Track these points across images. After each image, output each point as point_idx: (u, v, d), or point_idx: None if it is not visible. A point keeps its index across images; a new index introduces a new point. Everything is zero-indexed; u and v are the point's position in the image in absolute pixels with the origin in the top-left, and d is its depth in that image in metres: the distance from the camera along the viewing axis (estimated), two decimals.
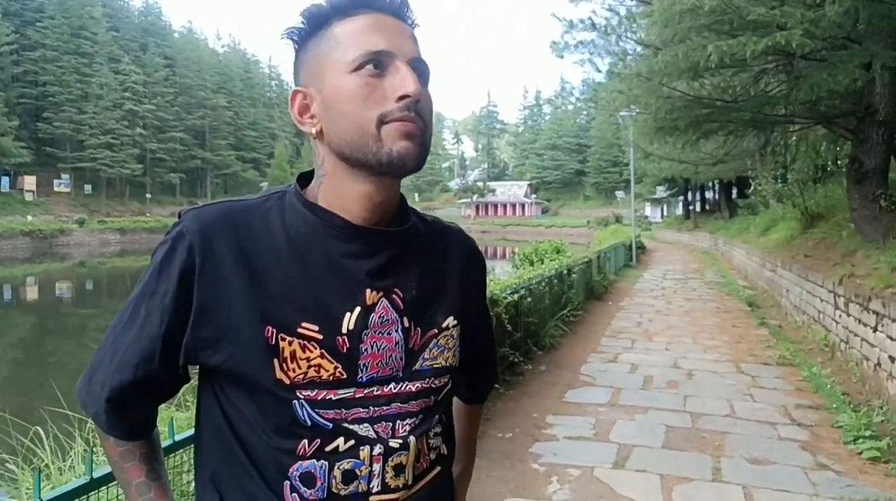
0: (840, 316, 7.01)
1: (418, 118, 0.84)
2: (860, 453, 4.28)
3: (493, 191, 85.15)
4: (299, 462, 0.83)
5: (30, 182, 49.88)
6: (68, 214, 49.80)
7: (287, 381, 0.82)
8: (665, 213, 60.57)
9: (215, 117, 72.16)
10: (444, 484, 0.99)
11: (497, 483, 3.85)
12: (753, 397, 5.69)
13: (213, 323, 0.83)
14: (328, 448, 0.84)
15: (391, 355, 0.88)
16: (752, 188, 17.39)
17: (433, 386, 0.92)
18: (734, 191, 30.51)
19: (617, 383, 6.14)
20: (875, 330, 5.70)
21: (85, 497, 1.67)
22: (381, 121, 0.83)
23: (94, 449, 2.21)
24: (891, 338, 5.27)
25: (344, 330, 0.85)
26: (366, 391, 0.86)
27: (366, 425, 0.85)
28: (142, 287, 0.86)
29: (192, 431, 1.46)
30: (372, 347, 0.86)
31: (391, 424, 0.87)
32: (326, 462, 0.84)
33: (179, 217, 0.87)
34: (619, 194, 65.17)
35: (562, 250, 11.82)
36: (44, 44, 55.92)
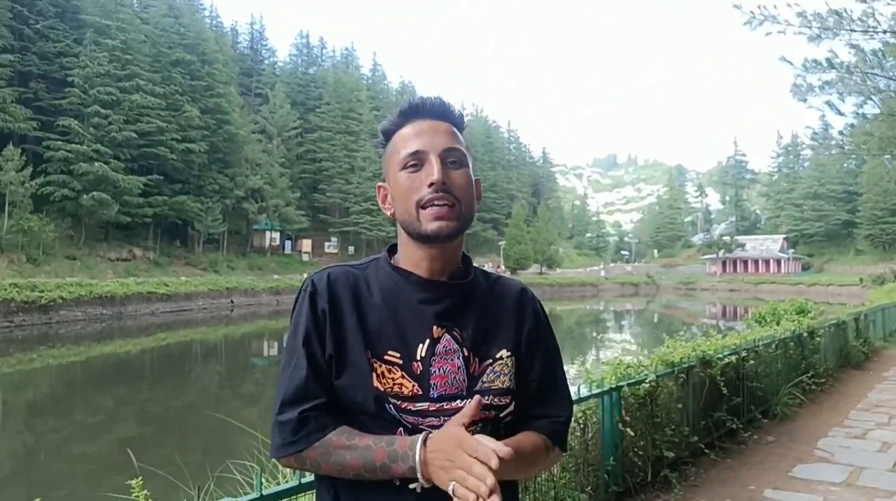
0: None
1: (449, 196, 1.13)
2: None
3: (742, 245, 78.50)
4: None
5: (306, 245, 58.27)
6: None
7: (381, 389, 1.12)
8: None
9: None
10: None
11: None
12: None
13: (336, 350, 1.15)
14: None
15: (455, 377, 1.14)
16: None
17: (494, 403, 1.16)
18: None
19: (859, 461, 5.43)
20: None
21: (294, 497, 2.16)
22: (419, 206, 1.14)
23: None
24: None
25: (418, 357, 1.14)
26: (437, 405, 1.12)
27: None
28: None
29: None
30: (439, 370, 1.14)
31: None
32: None
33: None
34: None
35: (805, 310, 10.66)
36: (321, 126, 65.20)
